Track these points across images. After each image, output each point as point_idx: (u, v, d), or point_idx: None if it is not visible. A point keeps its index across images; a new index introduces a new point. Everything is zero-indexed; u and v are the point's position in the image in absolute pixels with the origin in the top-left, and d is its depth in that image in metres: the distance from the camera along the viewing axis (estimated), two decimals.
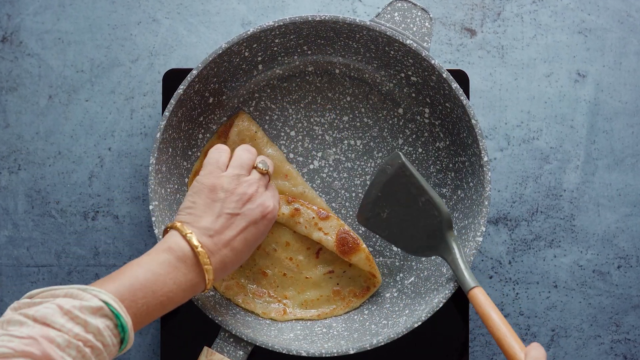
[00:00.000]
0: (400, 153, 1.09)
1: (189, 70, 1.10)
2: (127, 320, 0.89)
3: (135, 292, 0.92)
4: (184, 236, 0.99)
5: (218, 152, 1.06)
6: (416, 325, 1.08)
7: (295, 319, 1.17)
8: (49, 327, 0.83)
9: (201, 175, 1.04)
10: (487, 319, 1.01)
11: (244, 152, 1.07)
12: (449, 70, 1.11)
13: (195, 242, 0.98)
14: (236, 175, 1.04)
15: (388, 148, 1.18)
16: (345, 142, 1.19)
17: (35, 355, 0.80)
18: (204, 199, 1.02)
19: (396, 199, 1.10)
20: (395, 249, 1.18)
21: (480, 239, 1.08)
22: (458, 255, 1.08)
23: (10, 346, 0.80)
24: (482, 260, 1.22)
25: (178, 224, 1.00)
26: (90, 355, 0.84)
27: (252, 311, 1.16)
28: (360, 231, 1.18)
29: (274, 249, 1.17)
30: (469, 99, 1.11)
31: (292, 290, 1.17)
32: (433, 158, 1.18)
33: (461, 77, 1.16)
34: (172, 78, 1.16)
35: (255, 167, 1.07)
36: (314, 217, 1.15)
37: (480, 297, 1.04)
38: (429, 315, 1.08)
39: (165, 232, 1.02)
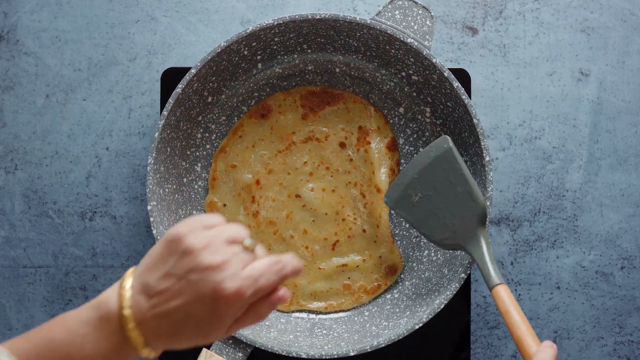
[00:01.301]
0: (448, 137, 1.08)
1: (188, 69, 1.10)
2: None
3: (44, 354, 0.79)
4: (121, 288, 0.81)
5: (211, 215, 0.84)
6: (417, 327, 1.08)
7: (300, 310, 1.17)
8: None
9: (178, 223, 0.83)
10: (509, 317, 0.99)
11: (235, 226, 0.84)
12: (450, 69, 1.11)
13: (126, 300, 0.80)
14: (210, 237, 0.81)
15: None
16: None
17: None
18: (162, 248, 0.81)
19: (433, 184, 1.08)
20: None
21: None
22: (486, 250, 1.06)
23: None
24: None
25: (131, 270, 0.83)
26: None
27: None
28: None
29: (290, 236, 1.17)
30: (470, 98, 1.11)
31: (303, 280, 1.17)
32: None
33: (463, 76, 1.16)
34: (171, 77, 1.16)
35: (240, 243, 0.82)
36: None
37: (504, 295, 1.01)
38: (430, 316, 1.08)
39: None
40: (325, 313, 1.17)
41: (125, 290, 0.80)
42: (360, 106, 1.17)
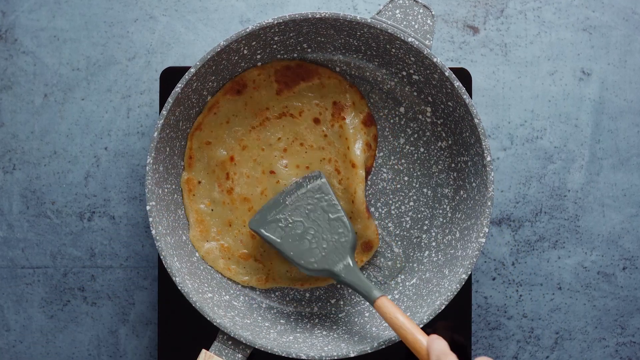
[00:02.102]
0: (321, 172, 1.13)
1: (187, 69, 1.10)
2: None
3: None
4: None
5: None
6: None
7: (277, 286, 1.17)
8: None
9: None
10: (396, 321, 1.02)
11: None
12: (451, 69, 1.10)
13: None
14: None
15: (389, 147, 1.18)
16: None
17: None
18: None
19: (305, 211, 1.12)
20: (396, 250, 1.18)
21: (483, 240, 1.08)
22: (359, 271, 1.09)
23: None
24: (485, 262, 1.21)
25: None
26: None
27: (230, 278, 1.17)
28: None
29: None
30: (471, 97, 1.11)
31: (278, 258, 1.17)
32: (435, 158, 1.17)
33: (463, 76, 1.15)
34: (170, 76, 1.16)
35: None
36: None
37: (388, 304, 1.04)
38: (430, 317, 1.08)
39: None
40: (303, 291, 1.18)
41: None
42: (335, 82, 1.16)
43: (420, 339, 0.99)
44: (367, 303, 1.17)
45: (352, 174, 1.16)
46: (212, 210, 1.16)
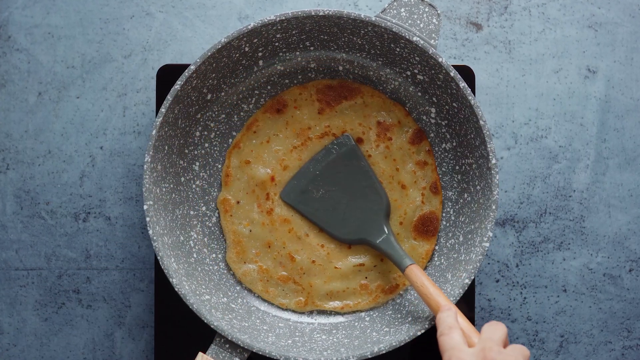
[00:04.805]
0: (350, 135, 1.13)
1: (184, 66, 1.10)
2: None
3: None
4: None
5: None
6: (419, 333, 1.08)
7: (316, 310, 1.17)
8: None
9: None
10: (422, 289, 1.05)
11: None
12: (453, 66, 1.10)
13: None
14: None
15: None
16: None
17: None
18: None
19: (336, 180, 1.14)
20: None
21: (487, 244, 1.07)
22: (394, 239, 1.11)
23: None
24: (489, 264, 1.21)
25: None
26: None
27: (269, 301, 1.17)
28: None
29: (305, 234, 1.17)
30: (474, 95, 1.10)
31: (318, 279, 1.17)
32: (439, 160, 1.17)
33: (467, 74, 1.15)
34: (167, 74, 1.15)
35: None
36: (428, 182, 1.17)
37: (418, 272, 1.07)
38: (432, 323, 1.08)
39: None
40: (343, 314, 1.17)
41: None
42: (378, 100, 1.16)
43: (447, 304, 1.03)
44: (368, 307, 1.17)
45: (401, 195, 1.16)
46: (250, 231, 1.17)
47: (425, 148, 1.16)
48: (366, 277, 1.17)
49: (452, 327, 0.97)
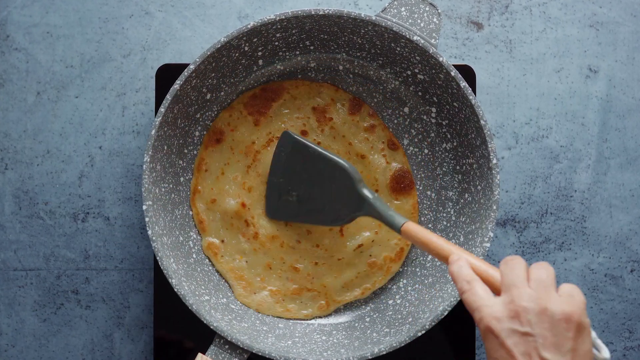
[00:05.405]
0: (288, 131, 1.13)
1: (184, 66, 1.09)
2: None
3: None
4: None
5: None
6: (420, 334, 1.08)
7: (340, 306, 1.18)
8: None
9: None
10: (425, 241, 0.99)
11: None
12: (454, 66, 1.10)
13: None
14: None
15: None
16: None
17: None
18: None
19: (300, 177, 1.13)
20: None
21: (488, 245, 1.07)
22: (379, 202, 1.09)
23: None
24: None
25: None
26: None
27: (296, 318, 1.17)
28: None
29: (297, 241, 1.17)
30: (475, 95, 1.10)
31: (329, 277, 1.17)
32: (439, 160, 1.18)
33: (467, 73, 1.15)
34: (166, 73, 1.15)
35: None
36: (384, 142, 1.16)
37: (415, 227, 1.02)
38: (433, 323, 1.08)
39: None
40: (365, 301, 1.18)
41: None
42: (304, 88, 1.17)
43: (455, 253, 0.94)
44: (368, 307, 1.17)
45: (364, 165, 1.17)
46: (246, 262, 1.17)
47: (367, 112, 1.17)
48: (370, 255, 1.17)
49: (470, 280, 0.88)
